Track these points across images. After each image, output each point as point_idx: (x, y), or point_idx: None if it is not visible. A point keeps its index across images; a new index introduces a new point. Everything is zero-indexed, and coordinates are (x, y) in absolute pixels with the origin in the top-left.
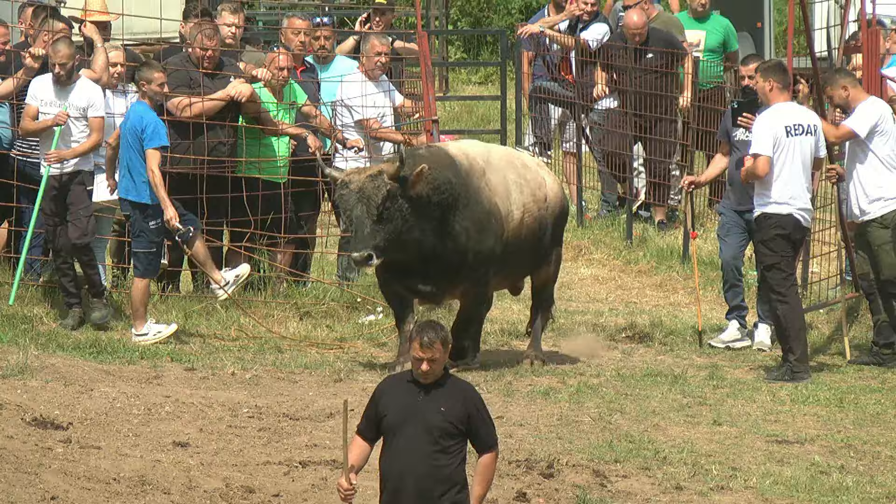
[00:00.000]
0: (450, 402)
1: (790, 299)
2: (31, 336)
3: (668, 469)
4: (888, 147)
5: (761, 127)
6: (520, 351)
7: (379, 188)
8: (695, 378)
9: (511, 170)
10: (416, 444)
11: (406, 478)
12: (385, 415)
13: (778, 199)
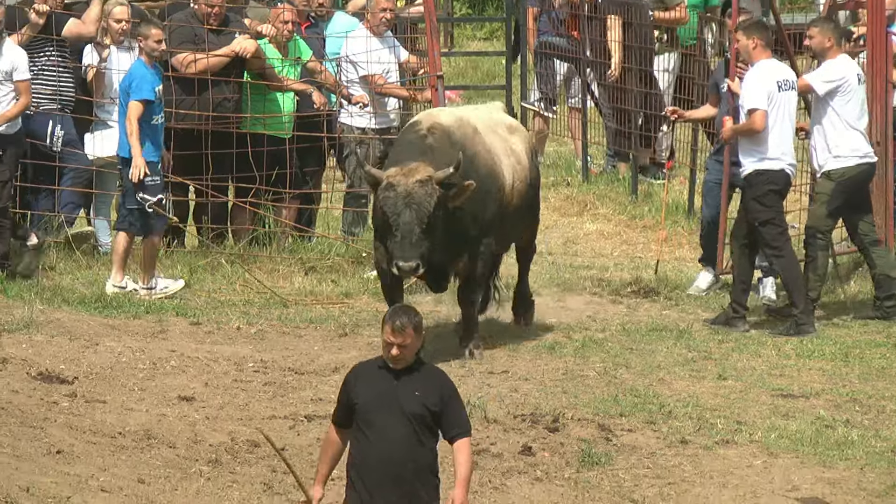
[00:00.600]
0: (425, 388)
1: (786, 252)
2: (37, 291)
3: (673, 423)
4: (850, 107)
5: (754, 82)
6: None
7: (431, 195)
8: (700, 333)
9: (499, 130)
10: (392, 431)
11: (383, 465)
12: (357, 402)
13: (772, 156)
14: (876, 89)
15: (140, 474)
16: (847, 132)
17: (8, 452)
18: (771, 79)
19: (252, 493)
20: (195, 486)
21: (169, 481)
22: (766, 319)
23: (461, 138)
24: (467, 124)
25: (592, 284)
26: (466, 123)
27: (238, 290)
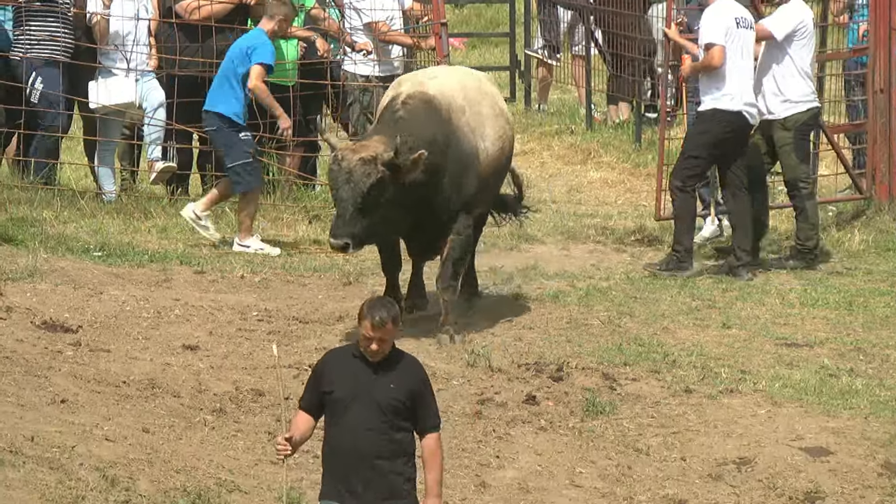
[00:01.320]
0: (399, 379)
1: (690, 191)
2: (41, 239)
3: (677, 372)
4: (804, 52)
5: (710, 18)
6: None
7: (369, 175)
8: (704, 281)
9: (485, 101)
10: (367, 420)
11: (358, 455)
12: (331, 391)
13: (728, 91)
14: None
15: (144, 423)
16: (798, 78)
17: (12, 401)
18: (729, 15)
19: (256, 442)
20: (199, 436)
21: (173, 430)
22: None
23: (443, 109)
24: (453, 95)
25: (596, 233)
26: (452, 94)
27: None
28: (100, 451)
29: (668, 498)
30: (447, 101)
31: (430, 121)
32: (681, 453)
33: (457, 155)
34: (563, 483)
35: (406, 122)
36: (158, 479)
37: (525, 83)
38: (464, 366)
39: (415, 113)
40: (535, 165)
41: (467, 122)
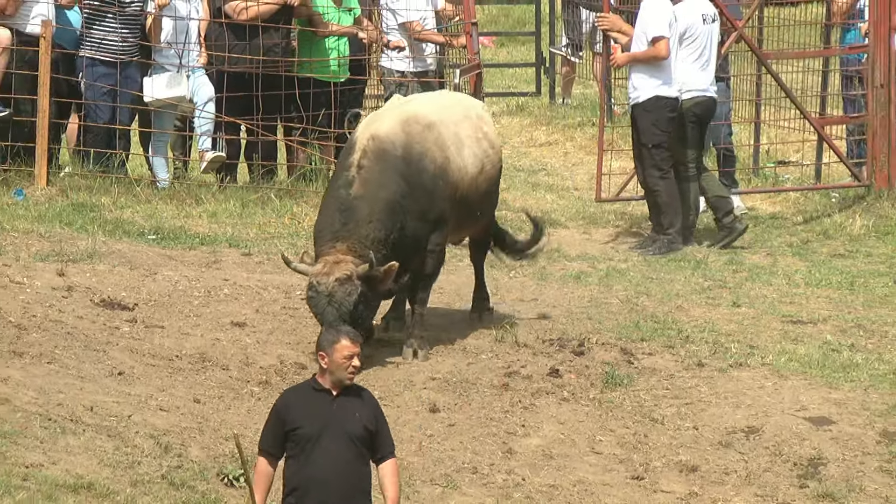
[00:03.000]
0: (362, 408)
1: (670, 175)
2: (99, 223)
3: (690, 347)
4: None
5: (655, 12)
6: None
7: (350, 294)
8: (715, 263)
9: (466, 123)
10: (337, 452)
11: (329, 487)
12: (298, 427)
13: (668, 81)
14: (880, 33)
15: (195, 394)
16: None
17: (73, 374)
18: (669, 9)
19: None
20: (246, 406)
21: (222, 401)
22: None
23: (399, 147)
24: (416, 121)
25: (615, 217)
26: (415, 120)
27: (286, 223)
28: (154, 420)
29: (681, 464)
30: (404, 136)
31: (386, 177)
32: (693, 422)
33: (419, 183)
34: (584, 450)
35: (363, 201)
36: (208, 446)
37: (550, 79)
38: (492, 341)
39: (370, 181)
40: (559, 155)
41: (435, 142)
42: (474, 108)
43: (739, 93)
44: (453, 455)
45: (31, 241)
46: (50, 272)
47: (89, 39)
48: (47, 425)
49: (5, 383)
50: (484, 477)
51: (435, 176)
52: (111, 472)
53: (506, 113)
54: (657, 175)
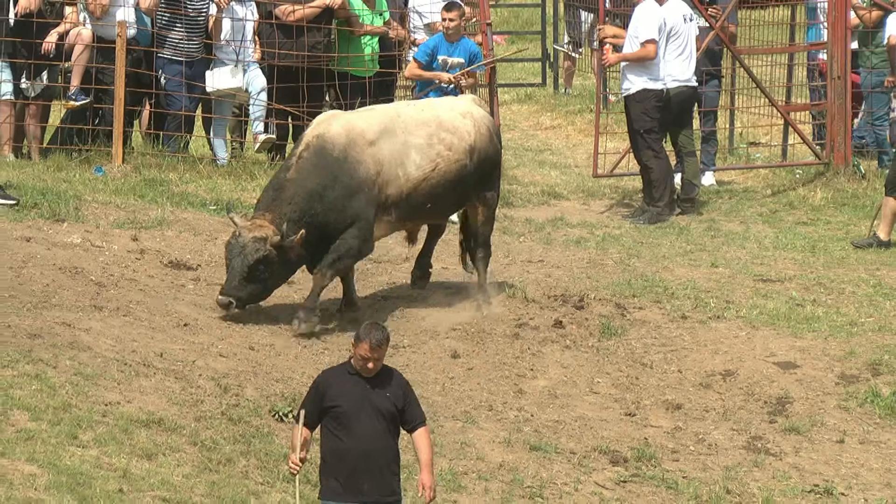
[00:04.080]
0: (391, 389)
1: (663, 155)
2: (167, 196)
3: (675, 302)
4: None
5: (645, 17)
6: (555, 209)
7: (257, 252)
8: (696, 229)
9: (420, 130)
10: (374, 428)
11: (363, 458)
12: (337, 405)
13: (654, 76)
14: (837, 33)
15: (250, 342)
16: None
17: (145, 325)
18: (660, 14)
19: (339, 358)
20: (294, 352)
21: (273, 348)
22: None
23: (344, 147)
24: (362, 135)
25: (611, 191)
26: (360, 134)
27: None
28: (215, 365)
29: (667, 402)
30: (345, 142)
31: (317, 171)
32: (678, 367)
33: (346, 184)
34: (584, 390)
35: (292, 184)
36: (261, 387)
37: (553, 72)
38: (504, 297)
39: (303, 169)
40: (562, 137)
41: (373, 156)
42: (439, 115)
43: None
44: (471, 394)
45: (109, 211)
46: (125, 238)
47: (166, 42)
48: (123, 369)
49: (87, 333)
50: (498, 413)
51: (362, 182)
52: (178, 409)
53: (516, 101)
54: (651, 155)
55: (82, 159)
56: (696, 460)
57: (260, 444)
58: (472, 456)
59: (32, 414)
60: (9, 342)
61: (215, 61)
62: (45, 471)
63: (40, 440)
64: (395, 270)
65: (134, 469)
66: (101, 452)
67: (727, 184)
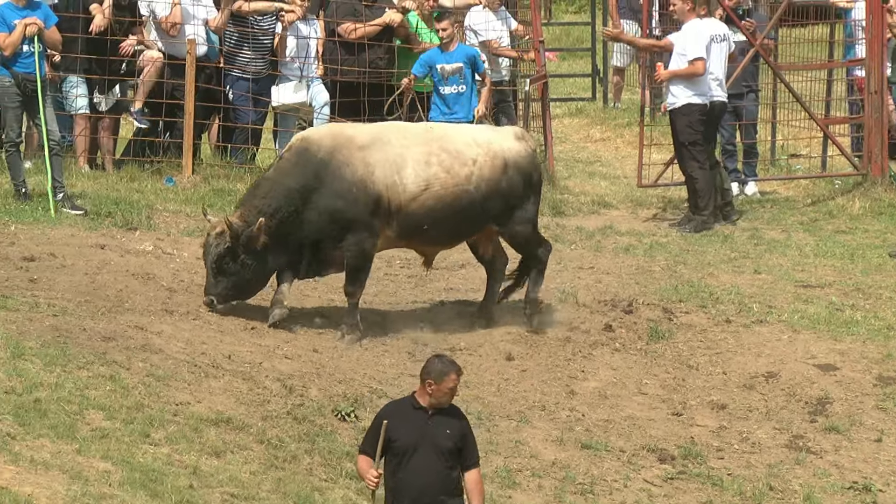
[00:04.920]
0: (451, 426)
1: (706, 166)
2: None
3: (719, 307)
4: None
5: (694, 36)
6: (605, 217)
7: (219, 246)
8: (740, 237)
9: (419, 147)
10: (430, 463)
11: (425, 491)
12: (395, 440)
13: (702, 92)
14: (874, 49)
15: (315, 345)
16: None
17: (214, 328)
18: (707, 33)
19: (399, 360)
20: (356, 354)
21: (336, 350)
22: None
23: (330, 150)
24: (351, 140)
25: (657, 200)
26: (349, 139)
27: None
28: (281, 366)
29: (712, 402)
30: (330, 144)
31: (297, 169)
32: (722, 369)
33: (333, 186)
34: (633, 391)
35: (268, 181)
36: (325, 388)
37: (603, 87)
38: (556, 302)
39: (282, 168)
40: (611, 149)
41: (363, 158)
42: (446, 137)
43: (760, 98)
44: (525, 395)
45: (180, 219)
46: (194, 245)
47: (235, 61)
48: (193, 370)
49: (159, 336)
50: (551, 413)
51: (351, 184)
52: (245, 409)
53: (567, 115)
54: (696, 166)
55: (154, 170)
56: (740, 458)
57: (324, 443)
58: (525, 454)
59: (107, 413)
60: (84, 345)
61: (280, 77)
62: (118, 468)
63: (114, 438)
64: (452, 276)
65: (203, 466)
66: (173, 450)
67: (769, 194)
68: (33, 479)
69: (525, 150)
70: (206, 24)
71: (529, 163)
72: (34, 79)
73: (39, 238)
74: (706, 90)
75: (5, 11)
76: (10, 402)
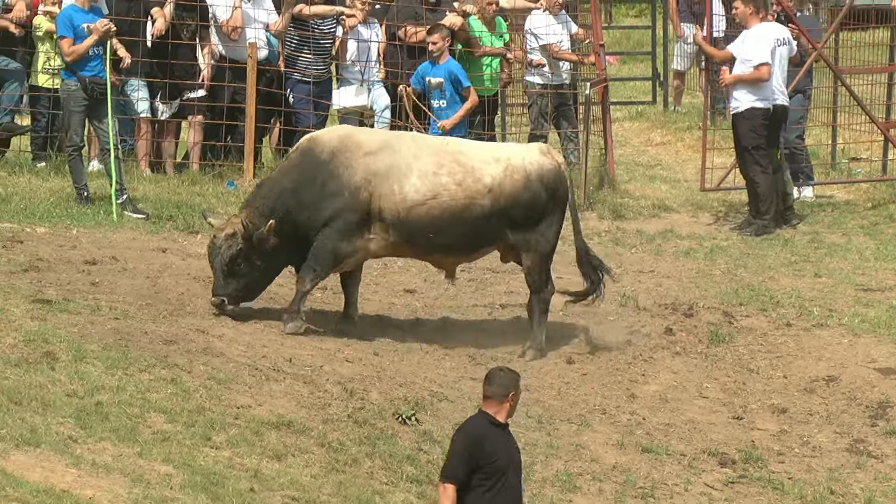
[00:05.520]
0: (515, 439)
1: (769, 170)
2: None
3: (780, 310)
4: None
5: (758, 40)
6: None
7: (231, 247)
8: (800, 241)
9: (431, 158)
10: (517, 479)
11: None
12: (495, 459)
13: (765, 96)
14: None
15: (375, 348)
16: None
17: (275, 331)
18: (770, 37)
19: (460, 364)
20: (417, 358)
21: (397, 353)
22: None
23: (333, 152)
24: (358, 145)
25: (718, 204)
26: (356, 143)
27: None
28: (341, 370)
29: (773, 406)
30: (336, 145)
31: (297, 168)
32: (783, 372)
33: (323, 183)
34: (693, 395)
35: (269, 181)
36: (385, 391)
37: (664, 90)
38: (617, 306)
39: (285, 167)
40: (672, 153)
41: (366, 164)
42: (462, 152)
43: (820, 102)
44: (586, 398)
45: None
46: None
47: (295, 64)
48: (254, 374)
49: (220, 339)
50: (611, 416)
51: (344, 186)
52: (306, 412)
53: (627, 118)
54: (758, 170)
55: (215, 174)
56: (800, 462)
57: (384, 446)
58: (586, 457)
59: (168, 416)
60: (146, 348)
61: (341, 80)
62: (180, 471)
63: (176, 441)
64: (513, 280)
65: (265, 469)
66: (234, 453)
67: (829, 197)
68: (95, 483)
69: (549, 164)
70: (267, 27)
71: (554, 176)
72: (102, 82)
73: (101, 241)
74: (769, 94)
75: (72, 14)
76: (71, 406)
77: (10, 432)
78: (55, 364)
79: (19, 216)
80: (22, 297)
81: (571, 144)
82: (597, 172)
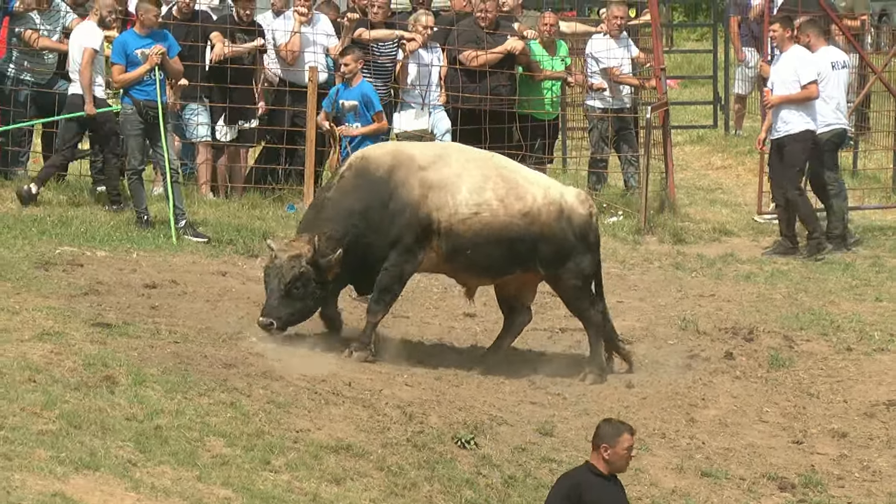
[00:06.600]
0: (623, 486)
1: (805, 192)
2: None
3: (840, 335)
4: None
5: (807, 62)
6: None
7: (293, 269)
8: (861, 265)
9: (477, 171)
10: None
11: None
12: None
13: (813, 118)
14: None
15: (435, 372)
16: (822, 104)
17: (335, 355)
18: (819, 59)
19: (519, 387)
20: (476, 381)
21: (456, 377)
22: None
23: (390, 169)
24: (411, 159)
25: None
26: (409, 158)
27: None
28: (401, 394)
29: (833, 431)
30: (390, 163)
31: (358, 188)
32: (843, 397)
33: (387, 204)
34: (753, 419)
35: (332, 203)
36: (445, 415)
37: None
38: (677, 329)
39: (343, 187)
40: (733, 177)
41: (421, 179)
42: (505, 169)
43: (880, 125)
44: (645, 423)
45: None
46: None
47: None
48: (313, 397)
49: (279, 363)
50: (671, 441)
51: (405, 205)
52: (365, 436)
53: (688, 142)
54: (798, 193)
55: (275, 198)
56: (860, 487)
57: (443, 470)
58: (645, 482)
59: (227, 440)
60: (205, 371)
61: (402, 104)
62: (239, 494)
63: (235, 465)
64: None
65: (323, 493)
66: (293, 477)
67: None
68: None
69: (582, 211)
70: (327, 51)
71: (586, 222)
72: (156, 105)
73: (161, 265)
74: (818, 116)
75: (127, 40)
76: (131, 429)
77: (70, 456)
78: (115, 388)
79: (79, 240)
80: (82, 321)
81: (632, 168)
82: (657, 196)
